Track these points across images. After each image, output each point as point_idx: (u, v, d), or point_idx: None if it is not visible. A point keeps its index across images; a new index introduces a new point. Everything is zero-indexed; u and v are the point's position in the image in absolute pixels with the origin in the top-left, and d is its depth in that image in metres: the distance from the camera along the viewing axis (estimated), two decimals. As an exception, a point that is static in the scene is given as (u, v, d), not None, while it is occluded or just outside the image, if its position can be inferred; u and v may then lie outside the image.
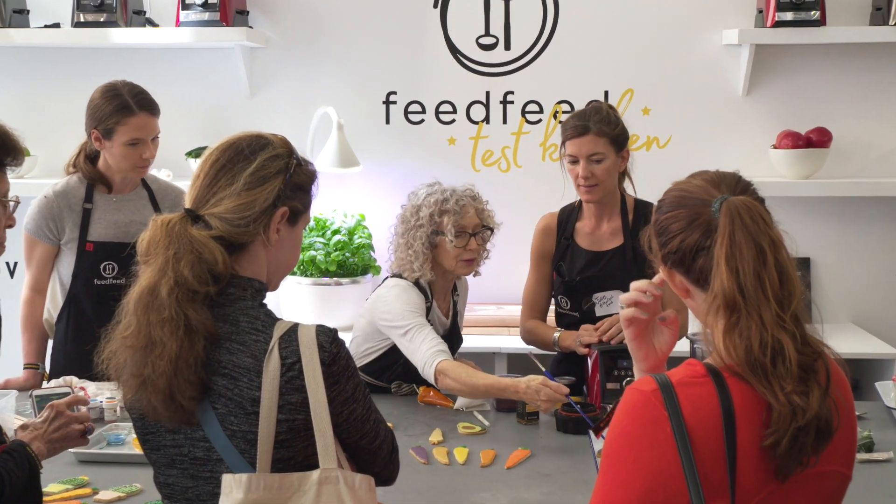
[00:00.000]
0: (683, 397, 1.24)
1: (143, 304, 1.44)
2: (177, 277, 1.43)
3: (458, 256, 2.71)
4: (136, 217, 2.87)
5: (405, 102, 3.94)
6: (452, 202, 2.71)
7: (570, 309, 2.81)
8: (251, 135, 1.55)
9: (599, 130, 2.67)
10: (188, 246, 1.45)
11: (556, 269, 2.83)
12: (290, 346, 1.45)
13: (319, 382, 1.43)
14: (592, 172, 2.68)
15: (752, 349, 1.24)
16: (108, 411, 2.48)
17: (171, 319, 1.42)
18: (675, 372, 1.29)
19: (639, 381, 1.29)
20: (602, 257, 2.79)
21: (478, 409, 2.64)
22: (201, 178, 1.51)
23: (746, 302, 1.25)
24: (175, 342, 1.41)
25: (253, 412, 1.43)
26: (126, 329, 1.45)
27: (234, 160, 1.50)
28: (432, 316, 2.76)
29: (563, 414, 2.46)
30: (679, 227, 1.33)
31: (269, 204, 1.51)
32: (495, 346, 3.56)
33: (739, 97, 3.81)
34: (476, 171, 3.95)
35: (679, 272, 1.35)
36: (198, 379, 1.43)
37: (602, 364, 2.57)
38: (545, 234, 2.87)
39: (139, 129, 2.75)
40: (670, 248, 1.34)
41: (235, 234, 1.49)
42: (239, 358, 1.45)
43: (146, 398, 1.45)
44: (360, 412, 1.51)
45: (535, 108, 3.91)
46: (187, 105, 3.93)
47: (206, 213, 1.49)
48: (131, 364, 1.44)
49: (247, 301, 1.49)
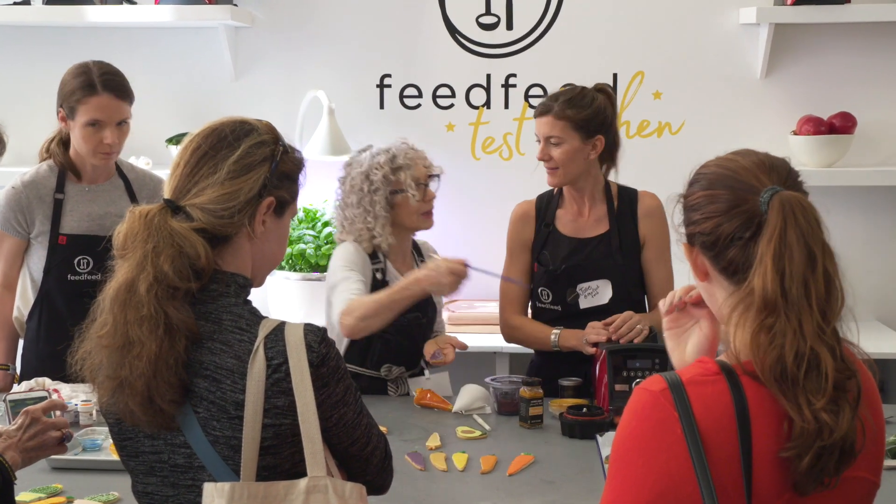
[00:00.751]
0: (695, 397, 1.24)
1: (119, 301, 1.43)
2: (156, 273, 1.42)
3: (419, 210, 2.80)
4: (112, 208, 2.87)
5: (400, 86, 3.94)
6: (402, 157, 2.80)
7: (551, 302, 2.82)
8: (234, 120, 1.55)
9: (560, 112, 2.72)
10: (168, 239, 1.44)
11: (538, 259, 2.83)
12: (276, 346, 1.45)
13: (308, 385, 1.43)
14: (550, 155, 2.75)
15: (785, 358, 1.23)
16: (83, 415, 2.49)
17: (150, 317, 1.42)
18: (685, 370, 1.29)
19: (648, 380, 1.29)
20: (586, 245, 2.80)
21: (478, 412, 2.64)
22: (181, 166, 1.51)
23: (788, 306, 1.24)
24: (154, 342, 1.41)
25: (237, 416, 1.43)
26: (102, 328, 1.45)
27: (216, 147, 1.50)
28: (390, 277, 2.80)
29: (569, 417, 2.47)
30: (717, 210, 1.31)
31: (255, 194, 1.51)
32: (496, 345, 3.55)
33: (757, 80, 3.81)
34: (476, 158, 3.95)
35: (706, 255, 1.34)
36: (178, 381, 1.43)
37: (610, 364, 2.57)
38: (523, 222, 2.88)
39: (100, 109, 2.74)
40: (702, 228, 1.32)
41: (219, 226, 1.49)
42: (222, 359, 1.45)
43: (123, 401, 1.45)
44: (351, 416, 1.51)
45: (540, 91, 3.91)
46: (167, 89, 3.93)
47: (187, 203, 1.48)
48: (107, 365, 1.44)
49: (230, 298, 1.49)
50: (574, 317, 2.76)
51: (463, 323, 3.75)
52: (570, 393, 2.67)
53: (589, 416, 2.46)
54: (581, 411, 2.48)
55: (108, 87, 2.75)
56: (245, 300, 1.52)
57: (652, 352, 2.58)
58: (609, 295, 2.76)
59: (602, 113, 2.75)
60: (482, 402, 2.67)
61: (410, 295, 2.53)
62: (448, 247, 3.96)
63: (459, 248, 3.98)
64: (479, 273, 2.55)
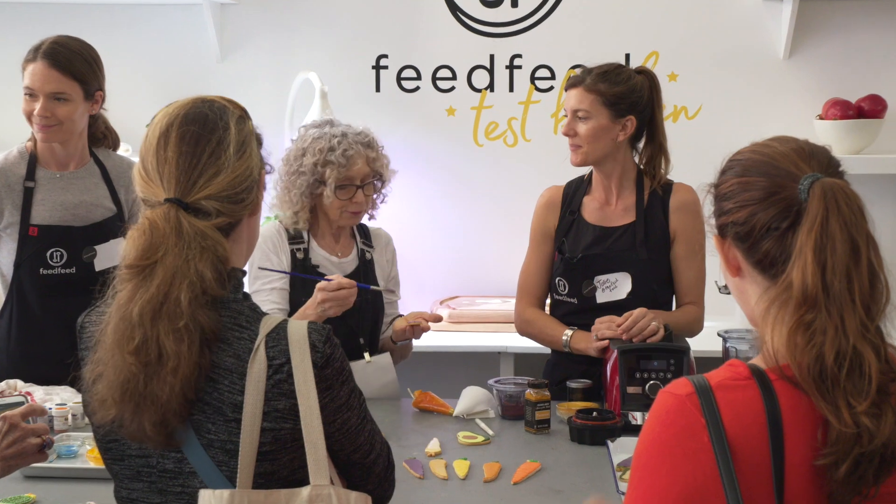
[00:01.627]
0: (723, 402, 1.24)
1: (151, 313, 1.42)
2: (200, 281, 1.42)
3: (342, 208, 2.80)
4: (87, 196, 2.87)
5: (397, 67, 3.94)
6: (338, 153, 2.75)
7: (568, 294, 2.82)
8: (201, 100, 1.55)
9: (592, 85, 2.71)
10: (202, 242, 1.44)
11: (558, 248, 2.85)
12: (278, 345, 1.46)
13: (311, 387, 1.44)
14: (575, 130, 2.74)
15: (824, 357, 1.22)
16: (58, 420, 2.49)
17: (187, 329, 1.41)
18: (714, 374, 1.29)
19: (673, 383, 1.29)
20: (610, 234, 2.80)
21: (480, 416, 2.65)
22: (174, 159, 1.48)
23: (829, 301, 1.23)
24: (191, 356, 1.41)
25: (234, 419, 1.44)
26: (129, 342, 1.43)
27: (209, 130, 1.50)
28: (315, 255, 2.83)
29: (578, 422, 2.48)
30: (753, 198, 1.30)
31: (259, 168, 1.55)
32: (500, 344, 3.57)
33: (780, 60, 3.82)
34: (479, 145, 3.96)
35: (738, 248, 1.33)
36: (195, 395, 1.44)
37: (622, 365, 2.57)
38: (548, 209, 2.89)
39: (31, 76, 2.75)
40: (735, 218, 1.31)
41: (237, 212, 1.50)
42: (219, 357, 1.45)
43: (139, 420, 1.44)
44: (355, 422, 1.52)
45: (547, 73, 3.92)
46: (148, 70, 3.93)
47: (198, 198, 1.48)
48: (133, 381, 1.42)
49: (229, 293, 1.49)
50: (590, 311, 2.75)
51: (464, 321, 3.75)
52: (579, 396, 2.67)
53: (599, 421, 2.46)
54: (591, 415, 2.48)
55: (46, 55, 2.75)
56: (244, 295, 1.53)
57: (668, 352, 2.57)
58: (628, 289, 2.75)
59: (637, 92, 2.75)
60: (485, 406, 2.67)
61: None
62: (446, 242, 3.99)
63: (459, 242, 4.00)
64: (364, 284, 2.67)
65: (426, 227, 3.96)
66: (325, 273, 2.81)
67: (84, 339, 1.57)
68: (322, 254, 2.85)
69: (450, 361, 3.74)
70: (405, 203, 3.74)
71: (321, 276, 2.72)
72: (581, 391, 2.68)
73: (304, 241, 2.84)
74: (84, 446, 2.34)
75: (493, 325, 3.69)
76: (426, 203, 3.97)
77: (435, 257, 3.97)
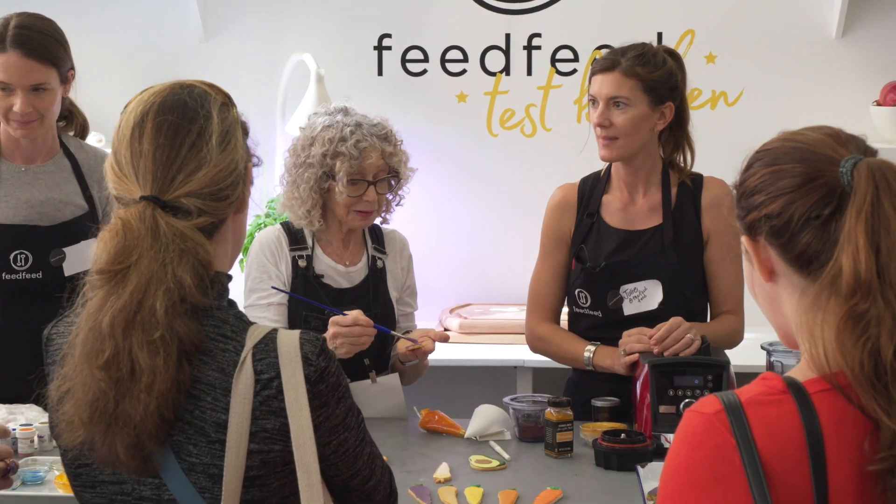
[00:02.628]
0: (755, 420, 1.23)
1: (123, 323, 1.42)
2: (178, 287, 1.42)
3: (351, 206, 2.76)
4: (55, 193, 2.87)
5: (402, 48, 3.94)
6: (350, 144, 2.73)
7: (590, 306, 2.81)
8: (179, 85, 1.54)
9: (629, 69, 2.68)
10: (181, 244, 1.44)
11: (577, 255, 2.83)
12: (266, 357, 1.46)
13: (303, 404, 1.44)
14: (610, 120, 2.70)
15: (880, 350, 1.21)
16: (22, 442, 2.48)
17: (163, 341, 1.41)
18: (745, 389, 1.28)
19: (700, 401, 1.29)
20: (637, 238, 2.79)
21: (495, 438, 2.65)
22: (150, 152, 1.48)
23: (885, 287, 1.23)
24: (168, 370, 1.41)
25: (217, 440, 1.44)
26: (97, 355, 1.43)
27: (189, 119, 1.50)
28: (319, 263, 2.80)
29: (604, 445, 2.47)
30: (787, 186, 1.29)
31: (245, 161, 1.54)
32: (517, 357, 3.56)
33: (832, 40, 3.80)
34: (493, 135, 3.96)
35: (773, 246, 1.32)
36: (174, 414, 1.43)
37: (654, 381, 2.57)
38: (561, 211, 2.86)
39: (5, 70, 2.73)
40: (769, 210, 1.31)
41: (221, 210, 1.50)
42: (201, 371, 1.45)
43: (111, 442, 1.43)
44: (353, 443, 1.52)
45: (569, 55, 3.91)
46: (124, 51, 3.93)
47: (177, 195, 1.47)
48: (103, 399, 1.42)
49: (213, 300, 1.49)
50: (617, 325, 2.74)
51: (476, 332, 3.75)
52: (605, 415, 2.66)
53: (628, 444, 2.46)
54: (619, 438, 2.48)
55: (16, 43, 2.72)
56: (229, 302, 1.53)
57: (705, 367, 2.57)
58: (659, 299, 2.75)
59: (673, 76, 2.74)
60: (500, 426, 2.67)
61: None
62: (456, 243, 3.98)
63: (470, 244, 3.99)
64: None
65: (433, 228, 3.95)
66: (330, 284, 2.80)
67: (51, 353, 1.56)
68: (327, 262, 2.83)
69: (461, 377, 3.73)
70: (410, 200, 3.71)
71: (326, 306, 2.68)
72: (608, 410, 2.68)
73: (306, 246, 2.81)
74: (52, 472, 2.34)
75: (509, 337, 3.69)
76: (434, 200, 3.96)
77: (444, 261, 3.95)
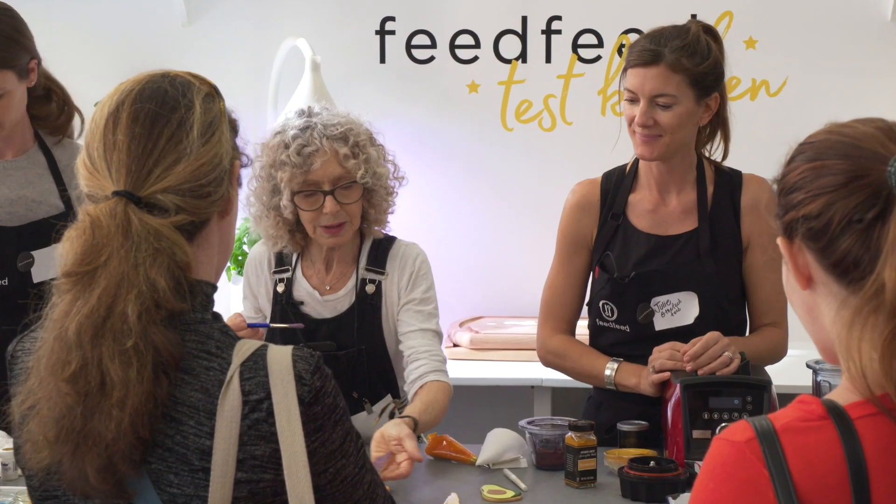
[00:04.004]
0: (791, 449, 1.24)
1: (91, 331, 1.42)
2: (151, 290, 1.43)
3: (314, 222, 2.70)
4: (27, 191, 2.89)
5: (407, 33, 3.96)
6: (292, 150, 2.64)
7: (617, 320, 2.80)
8: (160, 74, 1.56)
9: (676, 63, 2.64)
10: (155, 243, 1.45)
11: (600, 263, 2.83)
12: (255, 376, 1.46)
13: (297, 428, 1.44)
14: (655, 119, 2.67)
15: None
16: (-13, 469, 2.51)
17: (136, 351, 1.41)
18: (780, 414, 1.29)
19: (730, 428, 1.29)
20: (669, 245, 2.78)
21: (509, 466, 2.65)
22: (125, 144, 1.49)
23: None
24: (141, 383, 1.41)
25: (201, 469, 1.44)
26: (63, 368, 1.43)
27: (169, 109, 1.51)
28: (298, 288, 2.80)
29: (632, 474, 2.48)
30: (828, 184, 1.30)
31: (231, 157, 1.55)
32: (534, 376, 3.56)
33: (887, 22, 3.81)
34: (507, 129, 3.97)
35: (811, 250, 1.33)
36: (151, 437, 1.43)
37: (686, 402, 2.56)
38: (582, 211, 2.85)
39: None
40: (808, 211, 1.31)
41: (202, 208, 1.51)
42: (183, 392, 1.46)
43: (80, 464, 1.43)
44: (351, 471, 1.52)
45: (592, 40, 3.92)
46: (99, 37, 3.95)
47: (153, 191, 1.48)
48: (70, 416, 1.42)
49: (195, 312, 1.50)
50: (647, 340, 2.73)
51: (489, 347, 3.76)
52: (632, 441, 2.67)
53: (658, 473, 2.46)
54: (647, 466, 2.48)
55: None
56: (214, 315, 1.54)
57: (744, 387, 2.56)
58: (695, 313, 2.74)
59: (720, 65, 2.71)
60: (515, 453, 2.67)
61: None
62: (467, 249, 3.99)
63: (482, 250, 4.00)
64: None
65: (441, 232, 3.96)
66: (310, 314, 2.78)
67: (15, 372, 1.56)
68: (306, 287, 2.81)
69: (472, 398, 3.73)
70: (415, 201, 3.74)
71: (294, 323, 2.73)
72: (635, 435, 2.68)
73: (288, 269, 2.81)
74: (17, 503, 2.34)
75: (525, 353, 3.68)
76: (441, 202, 3.98)
77: (452, 269, 3.96)
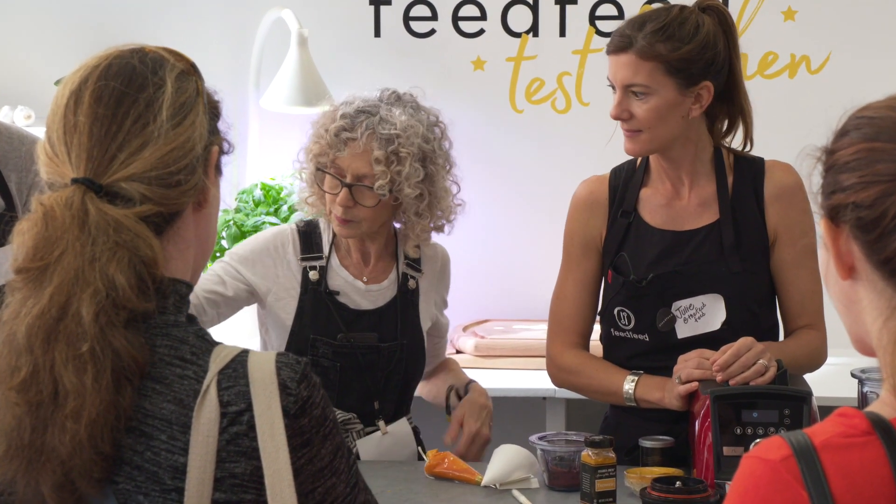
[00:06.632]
0: (833, 468, 1.24)
1: (43, 334, 1.42)
2: (107, 288, 1.43)
3: (329, 205, 2.83)
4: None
5: (404, 3, 3.97)
6: (333, 128, 2.79)
7: (634, 329, 2.81)
8: (130, 49, 1.55)
9: (647, 49, 2.64)
10: (113, 236, 1.45)
11: (614, 265, 2.84)
12: (235, 385, 1.47)
13: (281, 443, 1.44)
14: (630, 111, 2.70)
15: None
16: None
17: (92, 356, 1.41)
18: (818, 429, 1.28)
19: (763, 444, 1.29)
20: (686, 241, 2.79)
21: (519, 486, 2.66)
22: (86, 126, 1.49)
23: None
24: (98, 392, 1.41)
25: (174, 489, 1.44)
26: (11, 375, 1.43)
27: (136, 87, 1.51)
28: (333, 277, 2.85)
29: (655, 495, 2.48)
30: (884, 172, 1.28)
31: (205, 142, 1.54)
32: (546, 386, 3.52)
33: (940, -7, 3.83)
34: (517, 111, 3.97)
35: (858, 241, 1.32)
36: (112, 449, 1.44)
37: (716, 416, 2.57)
38: (589, 210, 2.86)
39: None
40: (859, 198, 1.30)
41: (171, 199, 1.50)
42: (154, 403, 1.46)
43: (33, 482, 1.44)
44: (342, 491, 1.52)
45: (612, 10, 3.93)
46: (58, 10, 3.96)
47: (117, 178, 1.48)
48: (19, 429, 1.43)
49: (167, 314, 1.51)
50: (669, 350, 2.73)
51: (496, 354, 3.77)
52: (656, 459, 2.68)
53: (684, 494, 2.46)
54: (673, 486, 2.49)
55: None
56: (189, 317, 1.54)
57: (781, 398, 2.57)
58: (722, 318, 2.75)
59: (711, 47, 2.70)
60: (525, 472, 2.68)
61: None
62: (472, 246, 3.98)
63: (488, 247, 4.00)
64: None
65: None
66: (347, 304, 2.84)
67: None
68: (344, 276, 2.87)
69: (477, 411, 3.74)
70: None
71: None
72: (659, 452, 2.69)
73: (321, 255, 2.86)
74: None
75: (536, 360, 3.68)
76: (444, 191, 3.98)
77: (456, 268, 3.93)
